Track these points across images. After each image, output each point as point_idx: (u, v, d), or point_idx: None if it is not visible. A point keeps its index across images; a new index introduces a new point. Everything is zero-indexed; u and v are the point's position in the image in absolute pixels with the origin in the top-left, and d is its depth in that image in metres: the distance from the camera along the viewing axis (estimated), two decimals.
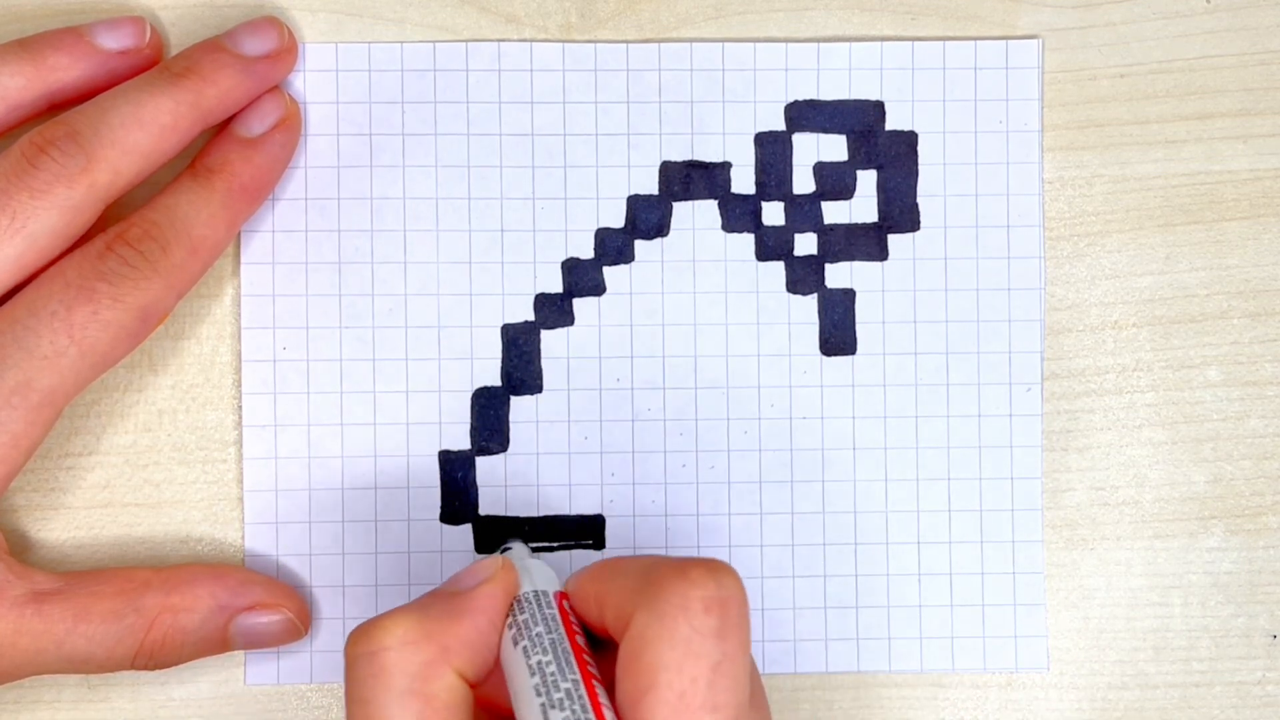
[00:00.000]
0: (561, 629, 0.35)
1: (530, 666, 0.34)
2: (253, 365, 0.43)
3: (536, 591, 0.36)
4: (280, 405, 0.43)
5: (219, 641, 0.40)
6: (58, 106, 0.40)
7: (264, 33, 0.41)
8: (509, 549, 0.40)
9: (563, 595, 0.36)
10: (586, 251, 0.43)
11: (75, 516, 0.43)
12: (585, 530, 0.43)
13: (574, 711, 0.32)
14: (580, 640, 0.35)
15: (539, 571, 0.37)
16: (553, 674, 0.33)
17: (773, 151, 0.43)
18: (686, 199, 0.43)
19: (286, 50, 0.41)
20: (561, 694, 0.33)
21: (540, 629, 0.35)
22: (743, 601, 0.33)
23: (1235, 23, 0.44)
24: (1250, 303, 0.44)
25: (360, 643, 0.34)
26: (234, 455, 0.43)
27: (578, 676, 0.33)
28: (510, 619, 0.35)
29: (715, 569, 0.33)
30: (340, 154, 0.43)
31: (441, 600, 0.35)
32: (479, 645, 0.34)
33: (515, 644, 0.34)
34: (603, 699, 0.33)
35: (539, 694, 0.33)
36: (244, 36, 0.41)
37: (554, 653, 0.34)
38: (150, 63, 0.41)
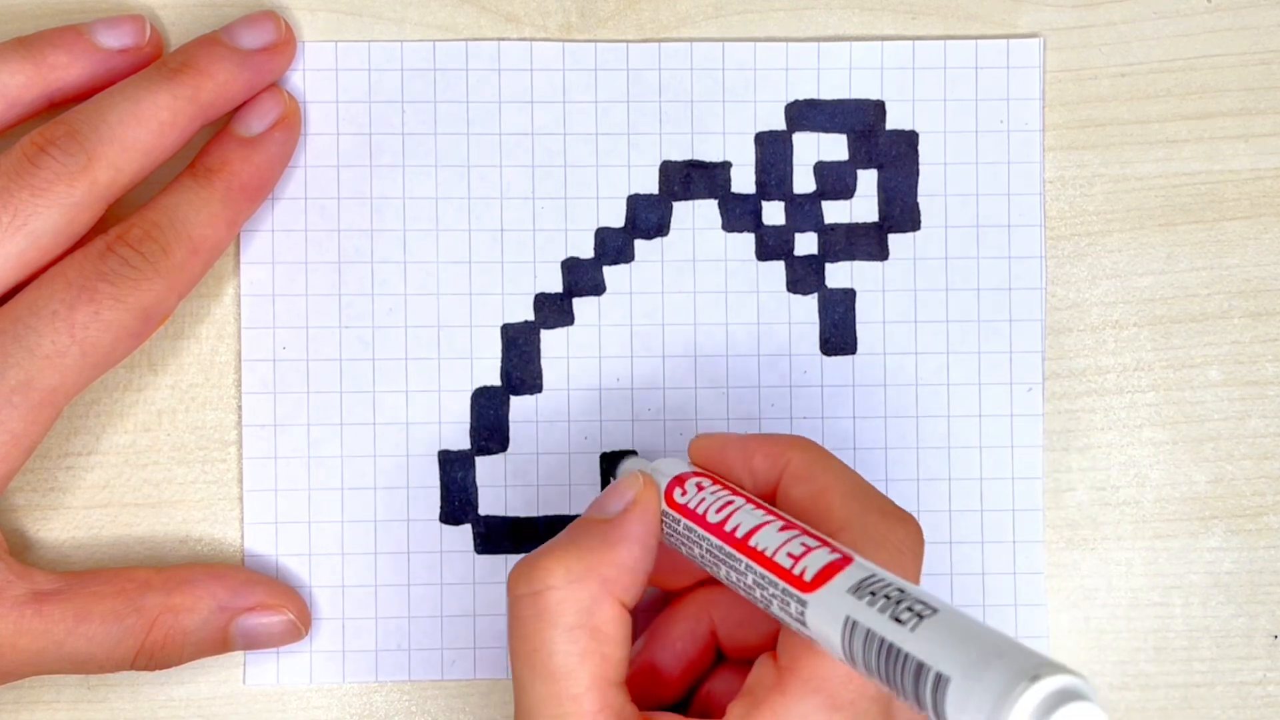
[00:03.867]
0: (735, 495, 0.36)
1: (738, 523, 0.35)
2: (253, 365, 0.43)
3: (697, 479, 0.37)
4: (280, 405, 0.43)
5: (219, 642, 0.40)
6: (58, 105, 0.40)
7: (260, 26, 0.41)
8: (630, 458, 0.42)
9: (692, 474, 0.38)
10: (586, 251, 0.43)
11: (75, 516, 0.43)
12: None
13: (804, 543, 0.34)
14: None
15: (670, 464, 0.38)
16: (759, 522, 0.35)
17: (773, 151, 0.43)
18: (686, 199, 0.43)
19: (284, 43, 0.41)
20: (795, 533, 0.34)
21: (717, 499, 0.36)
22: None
23: (1236, 22, 0.44)
24: (1251, 302, 0.44)
25: (522, 583, 0.35)
26: (234, 455, 0.43)
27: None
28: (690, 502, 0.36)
29: (920, 528, 0.36)
30: (340, 153, 0.43)
31: (594, 530, 0.36)
32: (636, 570, 0.35)
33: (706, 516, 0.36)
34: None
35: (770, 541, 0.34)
36: (240, 30, 0.41)
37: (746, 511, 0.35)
38: (150, 61, 0.41)
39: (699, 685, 0.39)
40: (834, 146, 0.43)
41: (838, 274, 0.43)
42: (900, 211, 0.43)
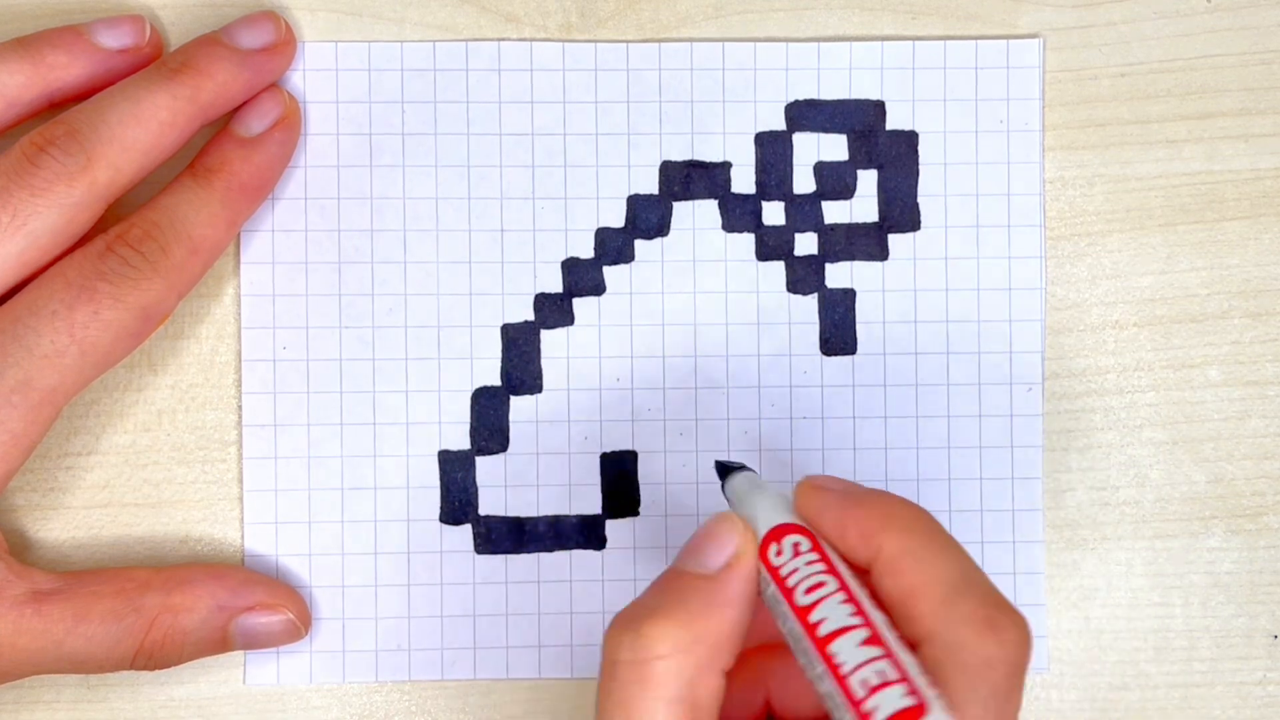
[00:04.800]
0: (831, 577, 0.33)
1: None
2: (253, 365, 0.43)
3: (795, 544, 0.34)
4: (280, 405, 0.43)
5: (219, 642, 0.40)
6: (57, 105, 0.40)
7: (260, 26, 0.41)
8: (740, 474, 0.39)
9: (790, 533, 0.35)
10: (586, 251, 0.43)
11: (75, 516, 0.43)
12: (585, 530, 0.43)
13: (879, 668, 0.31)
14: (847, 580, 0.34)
15: (773, 506, 0.35)
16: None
17: (773, 151, 0.43)
18: (686, 199, 0.43)
19: (284, 44, 0.41)
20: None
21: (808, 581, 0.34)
22: (1027, 667, 0.33)
23: (1236, 22, 0.44)
24: (1251, 302, 0.44)
25: (625, 649, 0.33)
26: (234, 455, 0.43)
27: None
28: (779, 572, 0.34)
29: (1022, 629, 0.32)
30: (340, 153, 0.43)
31: (698, 591, 0.34)
32: (739, 635, 0.34)
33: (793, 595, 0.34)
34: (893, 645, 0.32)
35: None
36: (240, 30, 0.41)
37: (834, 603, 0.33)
38: (149, 61, 0.41)
39: None
40: (834, 146, 0.43)
41: (838, 274, 0.43)
42: (900, 212, 0.43)
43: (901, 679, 0.31)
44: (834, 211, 0.43)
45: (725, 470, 0.39)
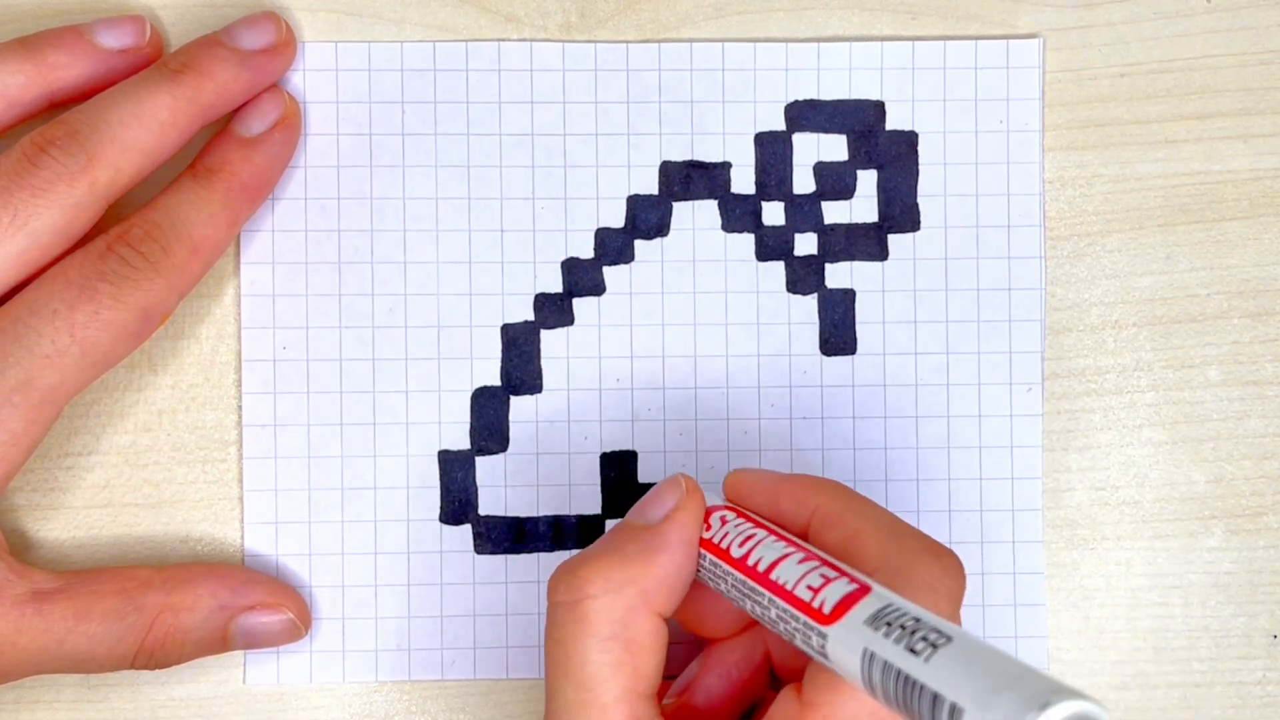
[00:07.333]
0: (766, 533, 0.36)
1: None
2: (253, 365, 0.43)
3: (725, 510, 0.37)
4: (280, 405, 0.43)
5: (219, 641, 0.40)
6: (58, 105, 0.40)
7: (261, 27, 0.41)
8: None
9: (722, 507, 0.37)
10: (586, 251, 0.43)
11: (75, 516, 0.43)
12: (585, 530, 0.43)
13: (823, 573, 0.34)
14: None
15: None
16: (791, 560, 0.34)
17: (773, 151, 0.43)
18: (686, 199, 0.43)
19: (284, 44, 0.41)
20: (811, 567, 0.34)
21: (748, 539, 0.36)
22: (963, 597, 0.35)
23: (1235, 22, 0.44)
24: (1250, 302, 0.44)
25: (561, 590, 0.35)
26: (234, 455, 0.43)
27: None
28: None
29: (959, 564, 0.35)
30: (340, 154, 0.43)
31: (635, 537, 0.36)
32: (675, 582, 0.35)
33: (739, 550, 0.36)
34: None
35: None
36: (241, 31, 0.41)
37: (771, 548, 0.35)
38: (150, 61, 0.41)
39: (752, 712, 0.39)
40: (834, 147, 0.43)
41: (837, 274, 0.43)
42: (900, 212, 0.43)
43: (842, 574, 0.33)
44: (834, 211, 0.43)
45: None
